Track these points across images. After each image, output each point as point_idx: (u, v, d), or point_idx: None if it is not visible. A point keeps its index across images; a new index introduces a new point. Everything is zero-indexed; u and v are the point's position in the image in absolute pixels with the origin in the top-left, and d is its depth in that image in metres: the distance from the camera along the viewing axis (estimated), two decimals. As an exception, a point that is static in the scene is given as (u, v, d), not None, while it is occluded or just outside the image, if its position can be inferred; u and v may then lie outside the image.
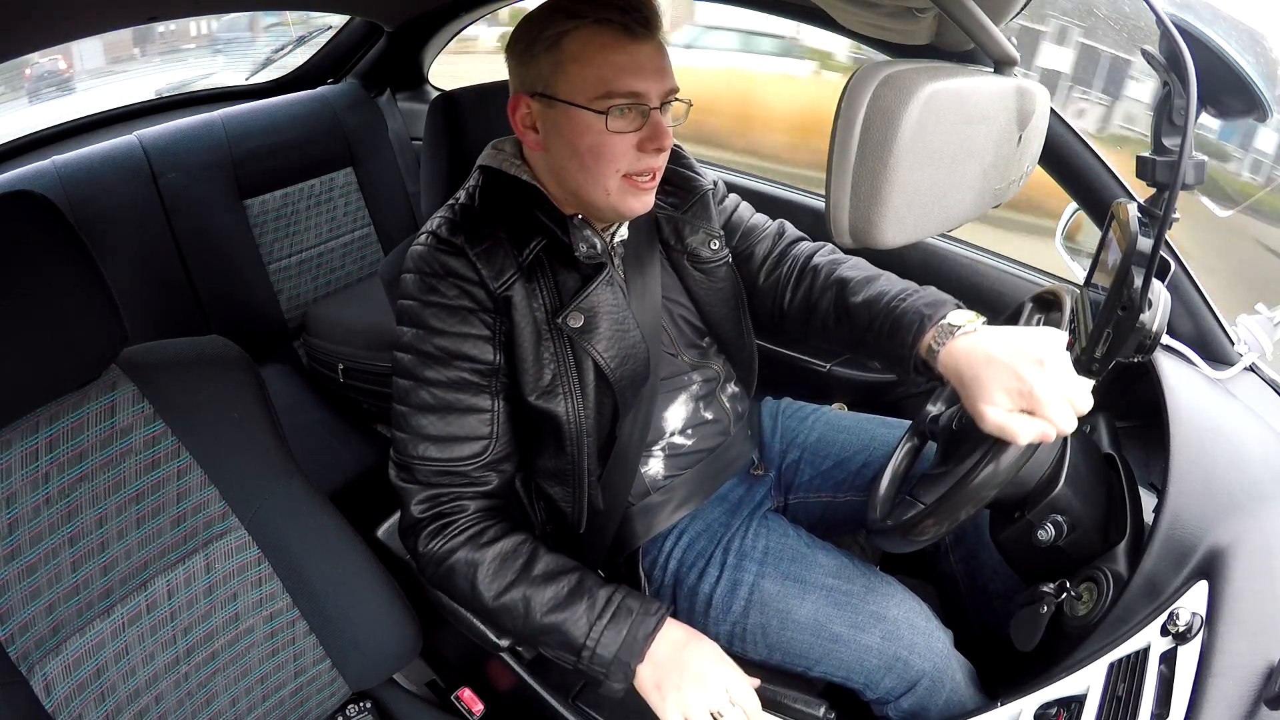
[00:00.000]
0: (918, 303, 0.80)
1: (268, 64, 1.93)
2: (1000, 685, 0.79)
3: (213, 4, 1.46)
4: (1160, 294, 0.84)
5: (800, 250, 0.99)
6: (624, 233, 0.89)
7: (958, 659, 0.85)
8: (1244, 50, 0.72)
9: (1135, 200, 0.90)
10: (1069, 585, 0.74)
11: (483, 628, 0.94)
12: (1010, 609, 0.78)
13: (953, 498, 0.69)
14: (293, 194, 1.71)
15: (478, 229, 0.80)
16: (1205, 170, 0.75)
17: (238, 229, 1.62)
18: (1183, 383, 0.88)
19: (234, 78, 1.95)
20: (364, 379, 1.59)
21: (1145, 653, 0.63)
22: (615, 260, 0.88)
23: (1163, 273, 0.89)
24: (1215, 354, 0.96)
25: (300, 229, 1.73)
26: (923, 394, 1.37)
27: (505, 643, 0.94)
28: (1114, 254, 0.85)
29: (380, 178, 1.84)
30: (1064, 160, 1.01)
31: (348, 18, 1.81)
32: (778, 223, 1.03)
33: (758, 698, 0.76)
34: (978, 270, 1.32)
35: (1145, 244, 0.77)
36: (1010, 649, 0.76)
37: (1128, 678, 0.63)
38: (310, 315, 1.71)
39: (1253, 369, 0.96)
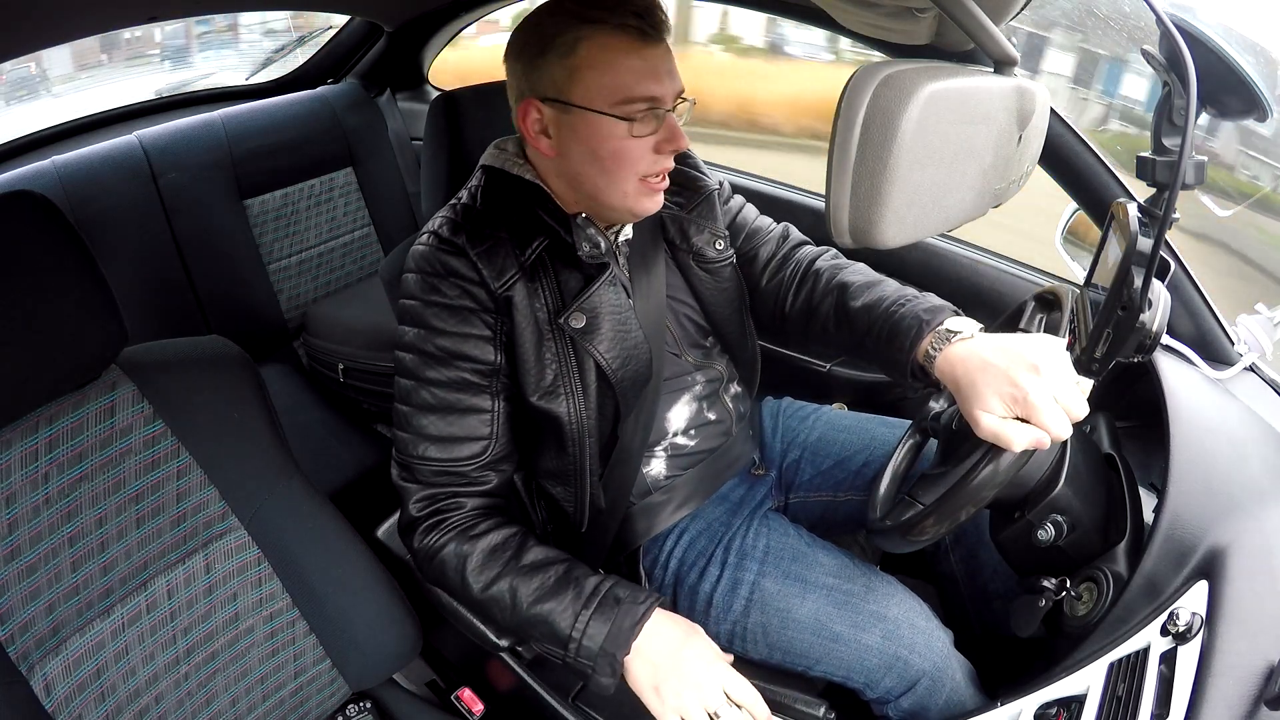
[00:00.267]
0: (916, 308, 0.81)
1: (268, 64, 1.93)
2: (1000, 685, 0.79)
3: (212, 4, 1.46)
4: (1160, 294, 0.84)
5: (803, 254, 0.99)
6: (629, 232, 0.89)
7: (958, 659, 0.85)
8: (1243, 50, 0.72)
9: (1135, 200, 0.90)
10: (1069, 585, 0.74)
11: (482, 628, 0.94)
12: (1011, 609, 0.79)
13: (952, 498, 0.69)
14: (293, 194, 1.71)
15: (479, 229, 0.80)
16: (1205, 170, 0.75)
17: (238, 229, 1.62)
18: (1183, 383, 0.88)
19: (234, 77, 1.95)
20: (364, 379, 1.59)
21: (1145, 653, 0.63)
22: (620, 260, 0.88)
23: (1163, 273, 0.89)
24: (1215, 354, 0.96)
25: (300, 229, 1.73)
26: (922, 394, 1.37)
27: (505, 643, 0.94)
28: (1114, 254, 0.85)
29: (380, 178, 1.84)
30: (1064, 160, 1.01)
31: (348, 18, 1.81)
32: (782, 225, 1.03)
33: (756, 695, 0.75)
34: (978, 270, 1.32)
35: (1145, 244, 0.77)
36: (1010, 649, 0.76)
37: (1128, 678, 0.63)
38: (310, 315, 1.71)
39: (1253, 369, 0.96)
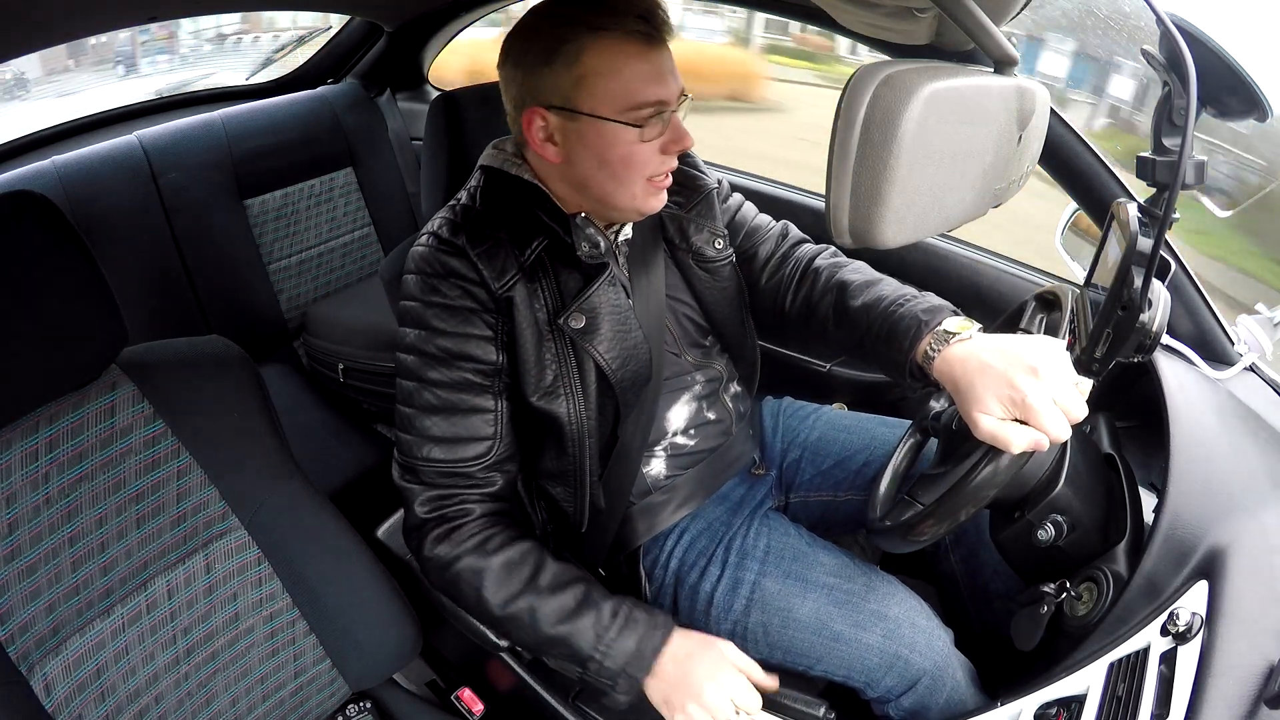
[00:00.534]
0: (915, 308, 0.80)
1: (268, 64, 1.93)
2: (1000, 685, 0.79)
3: (212, 4, 1.46)
4: (1160, 294, 0.84)
5: (803, 252, 0.99)
6: (628, 232, 0.89)
7: (958, 658, 0.85)
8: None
9: (1135, 200, 0.90)
10: (1069, 585, 0.74)
11: (483, 628, 0.94)
12: (1011, 608, 0.78)
13: (952, 498, 0.69)
14: (293, 194, 1.71)
15: (479, 229, 0.80)
16: (1205, 170, 0.75)
17: (238, 229, 1.62)
18: (1183, 383, 0.88)
19: (234, 78, 1.95)
20: (364, 379, 1.59)
21: (1145, 653, 0.63)
22: (619, 259, 0.88)
23: (1163, 273, 0.89)
24: (1215, 354, 0.96)
25: (300, 229, 1.73)
26: (922, 394, 1.37)
27: (505, 643, 0.95)
28: (1114, 254, 0.85)
29: (380, 178, 1.84)
30: (1064, 160, 1.01)
31: (347, 18, 1.81)
32: (781, 224, 1.03)
33: (759, 697, 0.76)
34: (978, 270, 1.32)
35: (1145, 244, 0.77)
36: (1010, 648, 0.76)
37: (1128, 678, 0.63)
38: (310, 315, 1.71)
39: (1253, 369, 0.96)
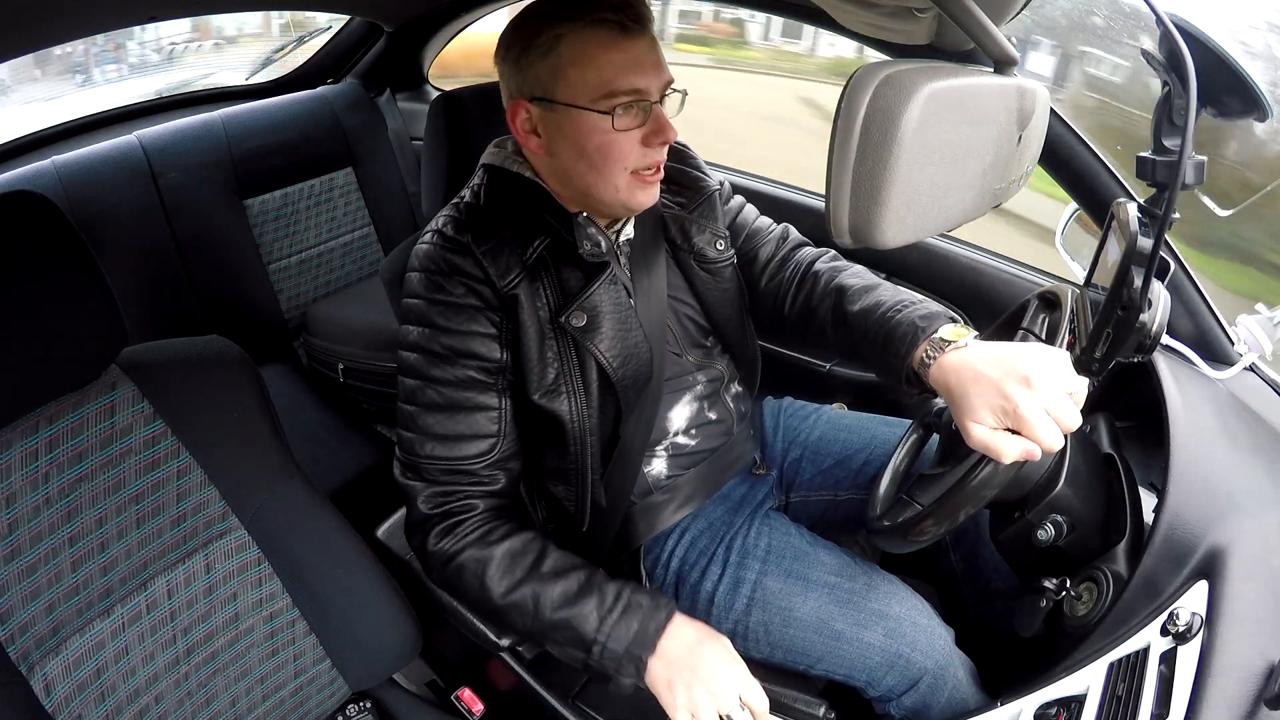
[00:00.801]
0: (912, 315, 0.80)
1: (268, 64, 1.93)
2: (1001, 684, 0.79)
3: (212, 4, 1.46)
4: (1160, 294, 0.84)
5: (803, 256, 0.99)
6: (629, 231, 0.89)
7: (959, 656, 0.85)
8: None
9: (1135, 200, 0.90)
10: (1069, 585, 0.74)
11: (483, 628, 0.94)
12: (1012, 607, 0.79)
13: (952, 498, 0.69)
14: (293, 194, 1.71)
15: (484, 227, 0.80)
16: (1205, 170, 0.75)
17: (238, 229, 1.62)
18: (1183, 383, 0.88)
19: (234, 78, 1.95)
20: (364, 379, 1.59)
21: (1145, 653, 0.63)
22: (621, 259, 0.88)
23: (1163, 273, 0.89)
24: (1215, 354, 0.96)
25: (300, 229, 1.73)
26: (920, 398, 1.37)
27: (505, 642, 0.94)
28: (1114, 254, 0.85)
29: (380, 178, 1.84)
30: (1064, 160, 1.02)
31: (347, 18, 1.81)
32: (782, 227, 1.03)
33: (765, 697, 0.76)
34: (978, 270, 1.32)
35: (1145, 244, 0.77)
36: (1011, 648, 0.76)
37: (1128, 678, 0.63)
38: (310, 315, 1.71)
39: (1253, 369, 0.96)
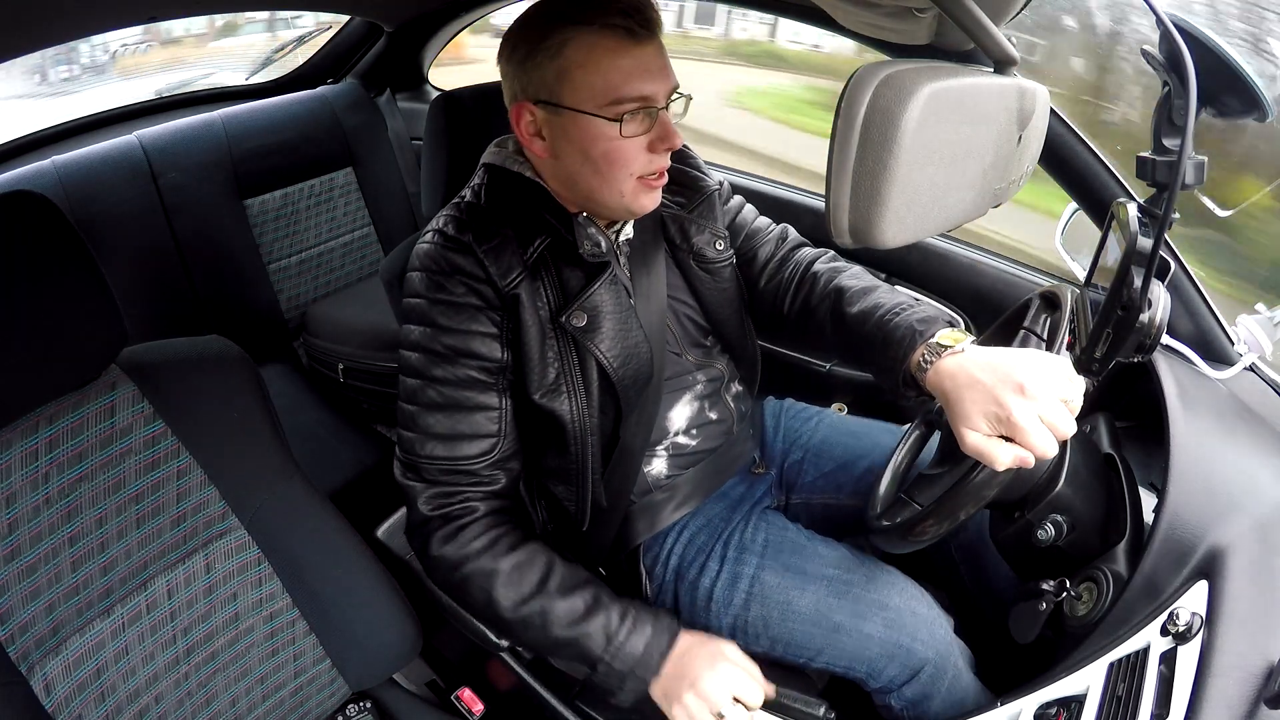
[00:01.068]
0: (910, 318, 0.80)
1: (268, 64, 1.93)
2: (1001, 679, 0.79)
3: (212, 4, 1.46)
4: (1160, 294, 0.84)
5: (802, 256, 0.99)
6: (629, 231, 0.89)
7: (959, 645, 0.86)
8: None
9: (1135, 200, 0.90)
10: (1069, 585, 0.74)
11: (483, 628, 0.94)
12: (1010, 608, 0.78)
13: (952, 498, 0.69)
14: (293, 194, 1.71)
15: (485, 226, 0.80)
16: (1205, 170, 0.75)
17: (238, 229, 1.62)
18: (1183, 383, 0.88)
19: (234, 78, 1.95)
20: (364, 379, 1.59)
21: (1145, 653, 0.63)
22: (621, 259, 0.88)
23: (1163, 273, 0.89)
24: (1215, 354, 0.96)
25: (300, 229, 1.73)
26: (917, 401, 1.37)
27: (505, 642, 0.95)
28: (1114, 254, 0.85)
29: (380, 178, 1.84)
30: (1064, 160, 1.01)
31: (347, 18, 1.81)
32: (781, 227, 1.03)
33: (760, 692, 0.77)
34: (978, 270, 1.31)
35: (1145, 244, 0.77)
36: (1011, 645, 0.76)
37: (1128, 678, 0.63)
38: (310, 315, 1.71)
39: (1253, 369, 0.96)
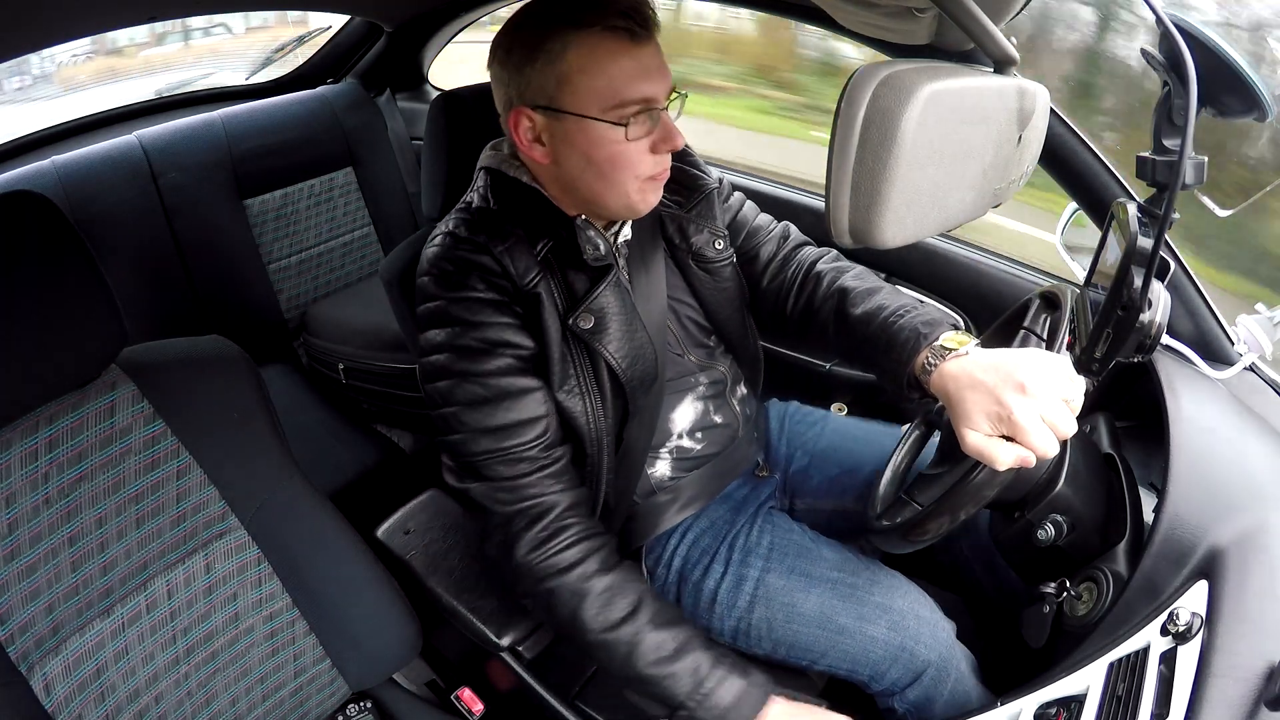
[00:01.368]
0: (914, 321, 0.80)
1: (268, 64, 1.93)
2: (1002, 681, 0.79)
3: (212, 4, 1.46)
4: (1160, 294, 0.84)
5: (805, 255, 0.99)
6: (627, 232, 0.89)
7: (961, 649, 0.86)
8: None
9: (1135, 200, 0.90)
10: (1069, 585, 0.74)
11: (483, 628, 0.94)
12: (1020, 620, 0.78)
13: (952, 498, 0.69)
14: (293, 194, 1.71)
15: (497, 228, 0.79)
16: (1205, 170, 0.75)
17: (238, 229, 1.62)
18: (1183, 383, 0.88)
19: (234, 78, 1.95)
20: (364, 379, 1.59)
21: (1145, 653, 0.63)
22: (620, 260, 0.88)
23: (1163, 273, 0.89)
24: (1215, 354, 0.96)
25: (300, 229, 1.73)
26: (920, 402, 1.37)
27: (505, 642, 0.94)
28: (1114, 254, 0.85)
29: (380, 178, 1.84)
30: (1064, 160, 1.01)
31: (348, 18, 1.81)
32: (783, 225, 1.02)
33: None
34: (978, 270, 1.31)
35: (1145, 244, 0.77)
36: (1012, 645, 0.77)
37: (1128, 677, 0.63)
38: (310, 315, 1.71)
39: (1253, 369, 0.96)
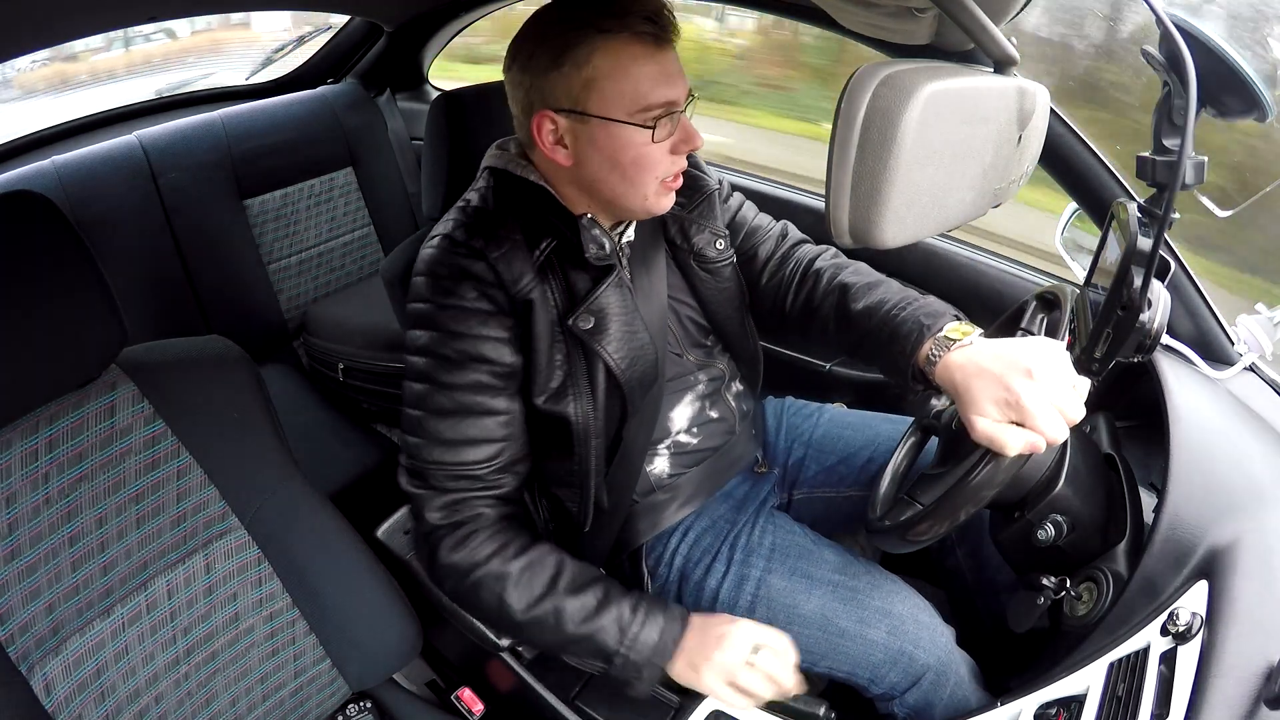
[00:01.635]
0: (917, 313, 0.81)
1: (268, 64, 1.93)
2: (1002, 684, 0.79)
3: (212, 4, 1.46)
4: (1160, 294, 0.84)
5: (803, 253, 0.99)
6: (630, 233, 0.89)
7: (960, 654, 0.86)
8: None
9: (1135, 200, 0.90)
10: (1069, 585, 0.74)
11: (483, 628, 0.94)
12: (1008, 603, 0.79)
13: (952, 498, 0.69)
14: (293, 194, 1.71)
15: (494, 231, 0.79)
16: (1205, 170, 0.75)
17: (238, 229, 1.62)
18: (1183, 383, 0.88)
19: (234, 77, 1.95)
20: (364, 379, 1.59)
21: (1145, 653, 0.63)
22: (623, 260, 0.88)
23: (1163, 273, 0.89)
24: (1215, 354, 0.96)
25: (300, 229, 1.73)
26: (923, 394, 1.37)
27: (505, 642, 0.94)
28: (1114, 254, 0.85)
29: (380, 178, 1.84)
30: (1064, 160, 1.01)
31: (348, 18, 1.81)
32: (781, 224, 1.03)
33: (782, 638, 0.79)
34: (978, 270, 1.31)
35: (1145, 244, 0.77)
36: (1010, 647, 0.77)
37: (1128, 678, 0.63)
38: (310, 315, 1.71)
39: (1253, 369, 0.96)
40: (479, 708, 0.97)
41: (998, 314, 0.91)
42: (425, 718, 0.92)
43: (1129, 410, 1.00)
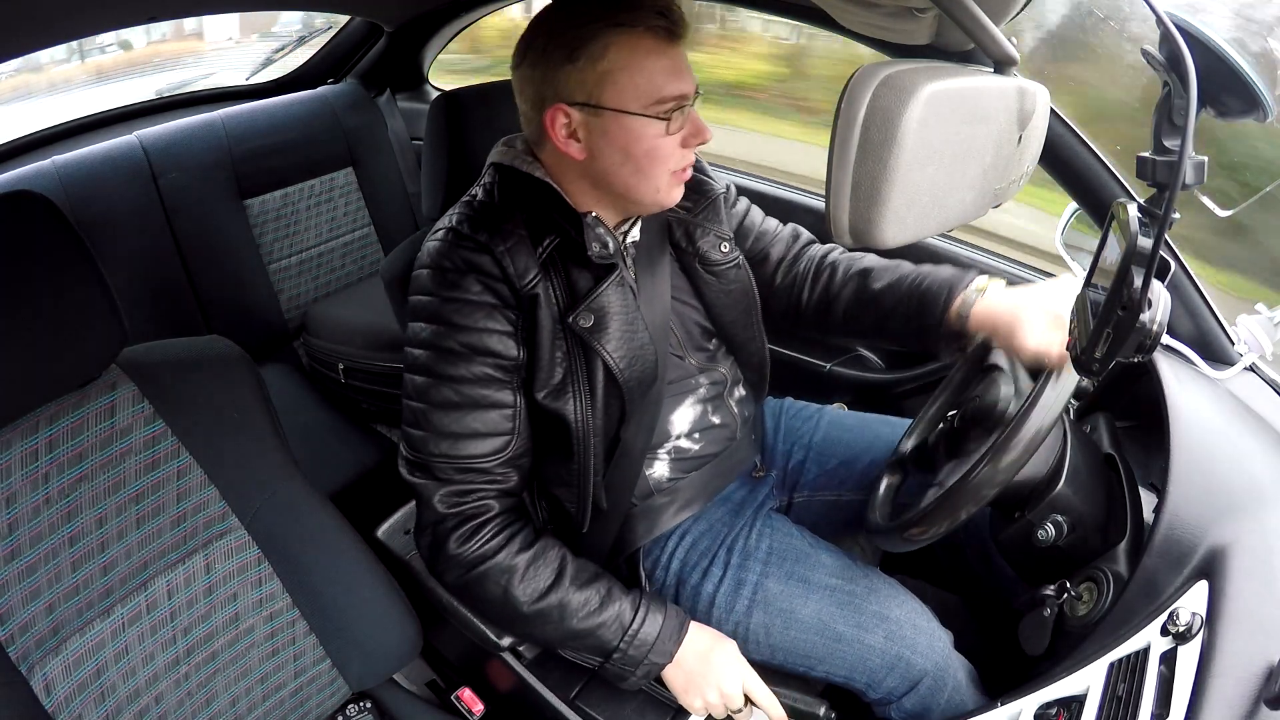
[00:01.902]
0: (939, 275, 0.89)
1: (268, 64, 1.93)
2: (1001, 686, 0.79)
3: (212, 4, 1.46)
4: (1160, 294, 0.84)
5: (815, 250, 1.03)
6: (635, 234, 0.89)
7: (958, 659, 0.85)
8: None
9: (1135, 200, 0.90)
10: (1069, 585, 0.74)
11: (483, 628, 0.94)
12: (1018, 628, 0.79)
13: (953, 498, 0.69)
14: (293, 194, 1.71)
15: (499, 225, 0.80)
16: (1205, 170, 0.75)
17: (238, 229, 1.62)
18: (1183, 383, 0.88)
19: (234, 77, 1.95)
20: (364, 379, 1.59)
21: (1145, 653, 0.63)
22: (627, 260, 0.88)
23: (1163, 273, 0.88)
24: (1215, 354, 0.96)
25: (300, 229, 1.73)
26: (922, 391, 1.37)
27: (506, 642, 0.94)
28: (1114, 254, 0.85)
29: (380, 178, 1.84)
30: (1064, 160, 1.01)
31: (348, 18, 1.81)
32: (791, 227, 1.05)
33: (774, 697, 0.83)
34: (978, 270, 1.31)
35: (1145, 244, 0.77)
36: (1012, 648, 0.76)
37: (1128, 678, 0.63)
38: (310, 315, 1.71)
39: (1253, 369, 0.96)
40: (479, 708, 0.97)
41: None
42: (425, 718, 0.92)
43: (1129, 410, 1.00)
